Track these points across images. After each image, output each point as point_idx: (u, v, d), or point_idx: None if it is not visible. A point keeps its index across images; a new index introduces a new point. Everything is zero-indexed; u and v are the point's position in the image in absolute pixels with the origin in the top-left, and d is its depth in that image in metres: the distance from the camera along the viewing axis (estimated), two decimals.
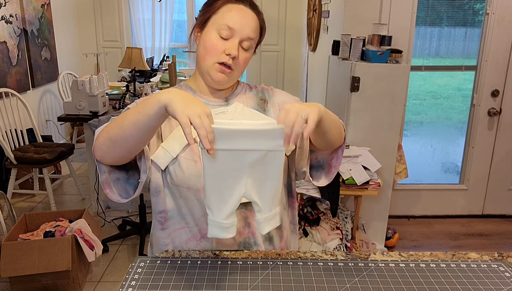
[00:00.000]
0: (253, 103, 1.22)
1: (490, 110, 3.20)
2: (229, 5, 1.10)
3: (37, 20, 4.31)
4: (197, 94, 1.18)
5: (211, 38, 1.09)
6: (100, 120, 2.79)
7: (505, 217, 3.46)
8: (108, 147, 0.98)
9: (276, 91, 1.27)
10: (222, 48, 1.09)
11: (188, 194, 1.10)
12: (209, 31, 1.10)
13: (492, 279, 1.02)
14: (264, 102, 1.24)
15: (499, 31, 3.04)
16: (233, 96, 1.21)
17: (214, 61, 1.10)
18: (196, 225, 1.13)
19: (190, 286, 0.97)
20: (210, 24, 1.11)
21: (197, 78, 1.20)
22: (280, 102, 1.24)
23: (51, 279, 2.30)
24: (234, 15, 1.09)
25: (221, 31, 1.08)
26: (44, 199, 3.64)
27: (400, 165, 2.83)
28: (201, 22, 1.13)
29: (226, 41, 1.09)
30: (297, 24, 5.44)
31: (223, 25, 1.08)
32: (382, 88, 2.58)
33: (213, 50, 1.09)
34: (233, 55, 1.08)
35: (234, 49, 1.08)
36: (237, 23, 1.08)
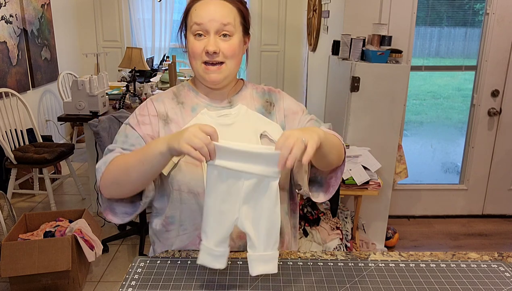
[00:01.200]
0: (258, 105, 1.20)
1: (490, 110, 3.20)
2: (195, 5, 1.10)
3: (37, 20, 4.31)
4: (199, 96, 1.18)
5: (190, 42, 1.10)
6: (100, 120, 2.79)
7: (505, 217, 3.46)
8: (116, 189, 1.05)
9: (284, 95, 1.25)
10: (201, 47, 1.08)
11: (188, 198, 1.10)
12: (188, 37, 1.11)
13: (492, 279, 1.02)
14: (270, 105, 1.22)
15: (499, 31, 3.04)
16: (237, 97, 1.19)
17: (199, 63, 1.10)
18: (195, 230, 1.12)
19: (190, 286, 0.97)
20: (187, 30, 1.12)
21: (197, 82, 1.20)
22: (286, 107, 1.22)
23: (51, 279, 2.30)
24: (199, 11, 1.08)
25: (194, 31, 1.08)
26: (44, 199, 3.64)
27: (400, 165, 2.83)
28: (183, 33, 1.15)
29: (203, 39, 1.08)
30: (297, 24, 5.44)
31: (193, 24, 1.08)
32: (382, 88, 2.58)
33: (195, 53, 1.09)
34: (212, 50, 1.06)
35: (211, 44, 1.07)
36: (204, 17, 1.07)
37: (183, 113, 1.16)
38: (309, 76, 4.64)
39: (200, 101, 1.17)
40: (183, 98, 1.18)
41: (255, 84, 1.26)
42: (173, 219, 1.14)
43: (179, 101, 1.18)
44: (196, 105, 1.17)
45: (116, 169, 1.03)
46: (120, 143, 1.11)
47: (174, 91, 1.21)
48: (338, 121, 2.82)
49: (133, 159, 1.00)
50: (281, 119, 1.20)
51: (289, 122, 1.20)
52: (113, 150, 1.09)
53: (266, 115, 1.19)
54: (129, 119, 1.15)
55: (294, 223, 1.27)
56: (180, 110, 1.16)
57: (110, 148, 1.10)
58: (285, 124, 1.20)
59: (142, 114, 1.15)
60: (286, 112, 1.21)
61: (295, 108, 1.22)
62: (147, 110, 1.16)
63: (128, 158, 1.02)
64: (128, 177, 1.01)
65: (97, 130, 2.74)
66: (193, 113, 1.15)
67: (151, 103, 1.17)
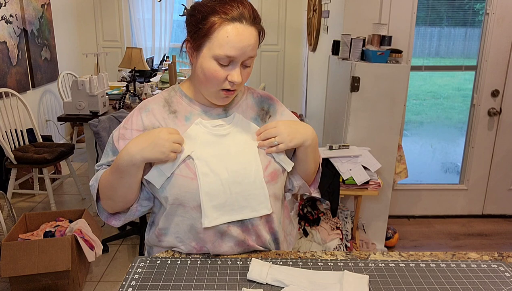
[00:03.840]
0: (253, 114, 1.16)
1: (490, 110, 3.20)
2: (224, 28, 0.98)
3: (37, 20, 4.31)
4: (193, 102, 1.13)
5: (211, 68, 1.01)
6: (100, 120, 2.79)
7: (505, 217, 3.46)
8: (112, 204, 1.11)
9: (284, 110, 1.22)
10: (224, 76, 1.02)
11: (184, 211, 1.06)
12: (206, 59, 1.02)
13: (492, 279, 1.02)
14: (266, 114, 1.18)
15: (499, 31, 3.04)
16: (232, 105, 1.15)
17: (217, 89, 1.05)
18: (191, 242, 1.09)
19: (190, 286, 0.97)
20: (206, 50, 1.01)
21: (195, 89, 1.13)
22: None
23: (51, 279, 2.30)
24: (231, 41, 0.98)
25: (220, 60, 1.00)
26: (44, 199, 3.64)
27: (400, 165, 2.83)
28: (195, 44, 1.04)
29: (227, 67, 1.02)
30: (297, 24, 5.44)
31: (222, 56, 0.99)
32: (382, 88, 2.58)
33: (215, 80, 1.03)
34: (238, 82, 1.03)
35: (237, 76, 1.02)
36: (237, 51, 0.99)
37: (177, 124, 1.10)
38: (309, 76, 4.64)
39: (194, 109, 1.12)
40: (176, 106, 1.12)
41: (252, 89, 1.22)
42: (166, 231, 1.10)
43: (172, 110, 1.12)
44: (190, 114, 1.11)
45: (104, 186, 1.08)
46: (105, 157, 1.14)
47: (165, 97, 1.14)
48: (338, 121, 2.82)
49: (112, 175, 1.05)
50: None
51: None
52: (101, 166, 1.14)
53: (261, 124, 1.16)
54: (115, 131, 1.13)
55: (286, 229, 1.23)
56: (173, 121, 1.11)
57: (97, 165, 1.15)
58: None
59: (125, 127, 1.11)
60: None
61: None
62: (131, 123, 1.11)
63: (108, 174, 1.07)
64: (114, 191, 1.06)
65: (97, 130, 2.74)
66: (187, 123, 1.10)
67: (137, 115, 1.12)
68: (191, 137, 1.08)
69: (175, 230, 1.09)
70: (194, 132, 1.09)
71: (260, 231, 1.10)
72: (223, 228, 1.06)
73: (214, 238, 1.07)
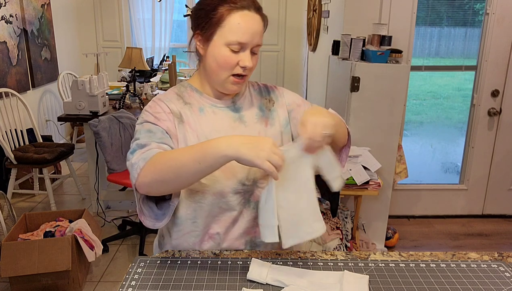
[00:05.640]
0: (257, 103, 1.21)
1: (490, 110, 3.20)
2: (234, 15, 1.05)
3: (37, 20, 4.31)
4: (204, 96, 1.16)
5: (223, 54, 1.06)
6: (100, 120, 2.79)
7: (505, 217, 3.45)
8: (159, 187, 0.99)
9: (284, 91, 1.26)
10: (235, 61, 1.07)
11: (202, 198, 1.09)
12: (218, 47, 1.06)
13: (492, 279, 1.02)
14: (269, 101, 1.23)
15: (499, 31, 3.04)
16: (238, 97, 1.20)
17: (228, 74, 1.08)
18: (205, 227, 1.13)
19: (190, 286, 0.97)
20: (216, 38, 1.06)
21: (203, 81, 1.17)
22: (290, 102, 1.23)
23: (51, 279, 2.30)
24: (242, 28, 1.04)
25: (232, 46, 1.05)
26: (44, 199, 3.64)
27: (400, 165, 2.83)
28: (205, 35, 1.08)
29: (238, 53, 1.06)
30: (297, 24, 5.44)
31: (234, 42, 1.04)
32: (382, 88, 2.58)
33: (227, 65, 1.07)
34: (249, 67, 1.07)
35: (249, 61, 1.07)
36: (248, 36, 1.05)
37: (193, 114, 1.14)
38: (309, 76, 4.64)
39: (205, 102, 1.16)
40: (188, 99, 1.16)
41: (250, 81, 1.26)
42: (187, 216, 1.13)
43: (186, 101, 1.15)
44: (203, 106, 1.15)
45: (162, 166, 0.96)
46: (146, 138, 1.04)
47: (176, 92, 1.18)
48: None
49: (186, 157, 0.95)
50: (284, 115, 1.21)
51: (296, 115, 1.22)
52: (147, 145, 1.02)
53: (266, 113, 1.20)
54: (143, 119, 1.10)
55: None
56: (189, 111, 1.14)
57: (141, 143, 1.03)
58: (290, 119, 1.22)
59: (156, 112, 1.10)
60: (291, 107, 1.23)
61: (298, 101, 1.25)
62: (159, 108, 1.11)
63: (178, 156, 0.96)
64: (177, 175, 0.96)
65: (97, 130, 2.74)
66: (201, 114, 1.14)
67: (161, 102, 1.13)
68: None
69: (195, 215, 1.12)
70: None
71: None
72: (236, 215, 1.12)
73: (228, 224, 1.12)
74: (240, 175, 1.10)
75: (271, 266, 1.03)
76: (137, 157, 1.00)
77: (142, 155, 1.00)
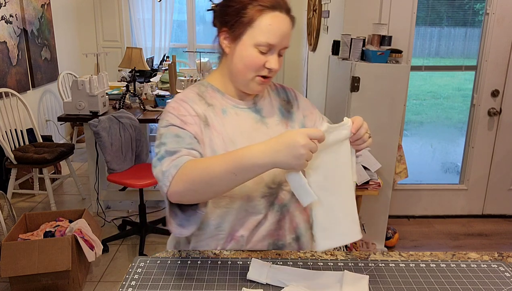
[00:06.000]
0: (277, 105, 1.20)
1: (490, 110, 3.20)
2: (266, 16, 1.03)
3: (37, 20, 4.31)
4: (226, 97, 1.14)
5: (250, 55, 1.04)
6: (100, 120, 2.79)
7: (505, 217, 3.45)
8: (191, 196, 0.96)
9: (297, 94, 1.27)
10: (262, 62, 1.05)
11: (230, 203, 1.08)
12: (246, 47, 1.04)
13: (492, 279, 1.02)
14: (288, 103, 1.22)
15: (499, 31, 3.04)
16: (259, 98, 1.18)
17: (254, 75, 1.07)
18: (230, 231, 1.11)
19: (190, 286, 0.97)
20: (245, 38, 1.04)
21: (225, 81, 1.14)
22: (304, 107, 1.24)
23: (51, 279, 2.30)
24: (273, 29, 1.03)
25: (261, 48, 1.04)
26: (44, 199, 3.64)
27: (400, 165, 2.83)
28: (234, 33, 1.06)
29: (265, 55, 1.05)
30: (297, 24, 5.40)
31: (264, 43, 1.03)
32: (382, 88, 2.58)
33: (254, 66, 1.05)
34: (276, 69, 1.06)
35: (275, 63, 1.06)
36: (278, 38, 1.04)
37: (217, 116, 1.10)
38: (309, 76, 4.64)
39: (228, 103, 1.14)
40: (210, 100, 1.12)
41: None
42: (212, 222, 1.10)
43: (208, 103, 1.12)
44: (225, 107, 1.13)
45: (195, 176, 0.92)
46: (174, 144, 1.00)
47: (197, 92, 1.13)
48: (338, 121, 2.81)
49: (220, 168, 0.90)
50: (301, 118, 1.22)
51: (308, 122, 1.22)
52: (176, 151, 0.98)
53: (286, 115, 1.19)
54: (168, 121, 1.04)
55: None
56: (213, 113, 1.10)
57: (170, 149, 0.98)
58: (305, 124, 1.22)
59: (182, 115, 1.06)
60: (305, 113, 1.23)
61: (310, 108, 1.26)
62: (184, 110, 1.07)
63: (211, 166, 0.91)
64: (210, 185, 0.92)
65: (97, 130, 2.74)
66: (224, 116, 1.11)
67: (185, 103, 1.09)
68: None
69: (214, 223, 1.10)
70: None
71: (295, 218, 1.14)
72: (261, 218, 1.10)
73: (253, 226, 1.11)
74: (267, 178, 1.08)
75: (271, 266, 1.03)
76: (168, 164, 0.95)
77: (173, 162, 0.95)
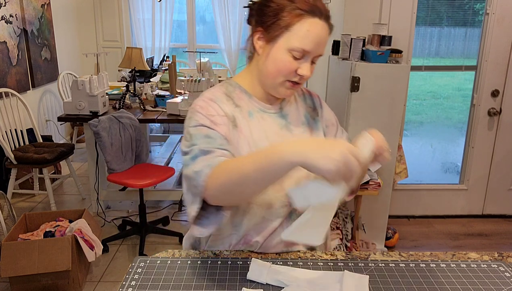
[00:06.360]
0: (303, 111, 1.17)
1: (490, 110, 3.20)
2: (305, 21, 0.99)
3: (37, 20, 4.31)
4: (253, 99, 1.11)
5: (284, 59, 1.01)
6: (100, 120, 2.79)
7: (505, 217, 3.46)
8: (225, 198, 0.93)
9: (322, 103, 1.24)
10: (295, 68, 1.02)
11: (249, 208, 1.07)
12: (281, 51, 1.01)
13: (492, 279, 1.02)
14: (314, 110, 1.20)
15: (499, 31, 3.04)
16: (285, 103, 1.15)
17: (284, 79, 1.04)
18: (245, 235, 1.10)
19: (190, 286, 0.97)
20: (281, 41, 1.01)
21: (254, 83, 1.11)
22: (327, 118, 1.22)
23: (51, 279, 2.30)
24: (310, 36, 0.99)
25: (295, 53, 1.00)
26: (44, 199, 3.64)
27: (400, 165, 2.83)
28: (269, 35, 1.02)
29: (298, 61, 1.02)
30: None
31: (299, 49, 0.99)
32: (382, 88, 2.58)
33: (285, 71, 1.02)
34: (307, 77, 1.03)
35: (308, 70, 1.02)
36: (314, 45, 1.00)
37: (244, 119, 1.08)
38: None
39: (254, 106, 1.11)
40: (238, 101, 1.10)
41: None
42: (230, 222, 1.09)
43: (236, 104, 1.09)
44: (252, 110, 1.10)
45: (228, 176, 0.88)
46: (205, 144, 0.97)
47: (224, 91, 1.10)
48: None
49: (251, 166, 0.85)
50: (323, 128, 1.20)
51: (328, 133, 1.20)
52: (210, 151, 0.95)
53: (311, 123, 1.17)
54: (197, 121, 1.01)
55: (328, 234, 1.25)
56: (240, 114, 1.08)
57: (203, 149, 0.95)
58: (326, 134, 1.20)
59: (211, 115, 1.03)
60: (327, 123, 1.21)
61: (332, 120, 1.23)
62: (213, 110, 1.04)
63: (243, 165, 0.87)
64: (243, 186, 0.88)
65: (97, 130, 2.74)
66: (250, 118, 1.08)
67: (213, 103, 1.06)
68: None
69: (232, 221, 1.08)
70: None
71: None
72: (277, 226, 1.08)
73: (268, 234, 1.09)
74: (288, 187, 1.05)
75: (271, 266, 1.03)
76: (202, 164, 0.92)
77: (207, 162, 0.92)
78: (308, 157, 0.78)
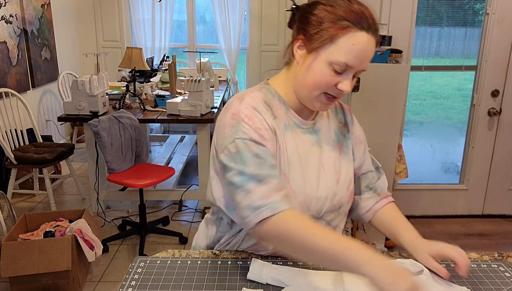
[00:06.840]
0: (334, 127, 1.12)
1: (490, 110, 3.20)
2: (351, 35, 0.91)
3: (37, 20, 4.31)
4: (289, 112, 1.05)
5: (324, 72, 0.94)
6: (100, 120, 2.79)
7: (505, 217, 3.45)
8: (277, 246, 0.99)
9: (354, 118, 1.19)
10: (334, 82, 0.95)
11: None
12: (322, 63, 0.94)
13: (492, 279, 1.02)
14: (344, 126, 1.15)
15: (499, 31, 3.04)
16: (319, 117, 1.10)
17: (321, 92, 0.98)
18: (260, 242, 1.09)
19: (190, 286, 0.97)
20: (323, 53, 0.94)
21: (288, 88, 1.05)
22: (356, 135, 1.17)
23: (51, 279, 2.30)
24: (355, 50, 0.91)
25: (337, 67, 0.93)
26: (44, 199, 3.64)
27: (400, 165, 2.83)
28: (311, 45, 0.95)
29: (339, 75, 0.95)
30: None
31: (341, 63, 0.92)
32: (382, 88, 2.58)
33: (324, 84, 0.96)
34: (346, 92, 0.96)
35: (348, 86, 0.96)
36: (358, 61, 0.93)
37: (280, 132, 1.02)
38: None
39: (291, 119, 1.05)
40: (276, 112, 1.03)
41: None
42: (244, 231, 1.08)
43: (274, 115, 1.02)
44: (288, 123, 1.04)
45: (289, 234, 0.88)
46: (255, 166, 0.92)
47: (263, 98, 1.03)
48: None
49: (321, 248, 0.85)
50: (352, 146, 1.16)
51: (356, 151, 1.17)
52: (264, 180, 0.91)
53: (341, 139, 1.12)
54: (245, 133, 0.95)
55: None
56: (277, 127, 1.02)
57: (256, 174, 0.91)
58: (354, 153, 1.16)
59: (258, 128, 0.96)
60: (356, 140, 1.17)
61: (361, 137, 1.19)
62: (259, 123, 0.97)
63: (312, 238, 0.86)
64: (302, 254, 0.90)
65: (97, 130, 2.74)
66: (287, 132, 1.03)
67: (258, 114, 0.98)
68: None
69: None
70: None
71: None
72: None
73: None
74: (313, 209, 1.04)
75: (271, 266, 1.03)
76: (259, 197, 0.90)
77: (267, 200, 0.89)
78: (379, 278, 0.80)
